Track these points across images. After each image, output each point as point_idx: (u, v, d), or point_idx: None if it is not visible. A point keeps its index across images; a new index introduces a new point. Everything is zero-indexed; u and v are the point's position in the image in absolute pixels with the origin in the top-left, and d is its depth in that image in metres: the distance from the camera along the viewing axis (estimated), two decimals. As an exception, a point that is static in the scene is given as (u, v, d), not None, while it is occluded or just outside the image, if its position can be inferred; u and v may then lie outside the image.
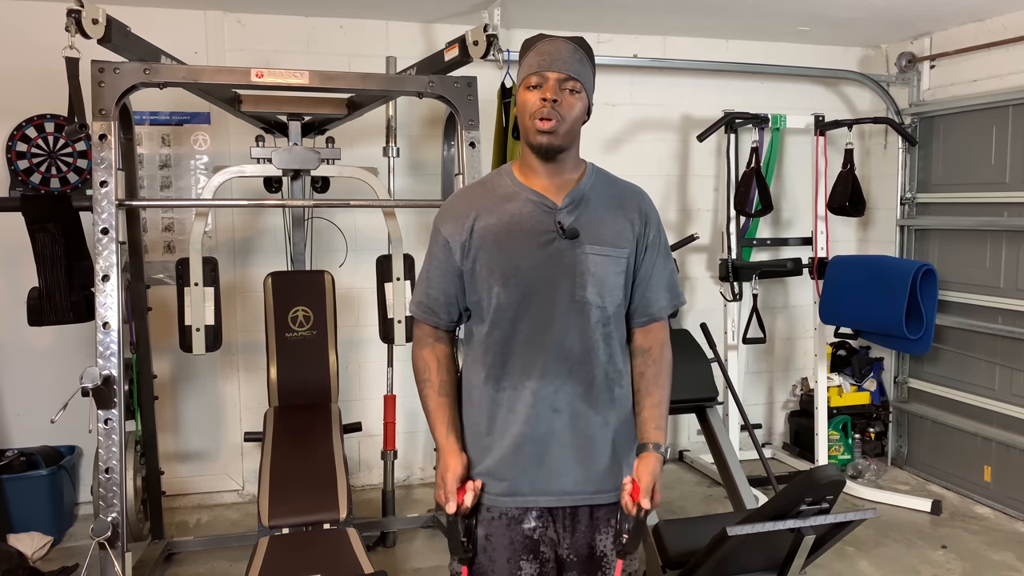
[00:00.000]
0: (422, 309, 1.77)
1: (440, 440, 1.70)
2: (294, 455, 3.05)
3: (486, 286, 1.67)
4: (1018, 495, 3.86)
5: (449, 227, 1.71)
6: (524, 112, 1.64)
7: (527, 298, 1.65)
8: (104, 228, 2.63)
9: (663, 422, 1.72)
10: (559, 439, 1.67)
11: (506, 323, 1.66)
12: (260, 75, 2.79)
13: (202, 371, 4.02)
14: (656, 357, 1.75)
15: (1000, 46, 3.93)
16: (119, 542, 2.55)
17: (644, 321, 1.76)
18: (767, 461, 3.51)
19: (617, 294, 1.70)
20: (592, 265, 1.66)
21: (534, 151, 1.67)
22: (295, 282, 3.52)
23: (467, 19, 3.91)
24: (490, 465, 1.68)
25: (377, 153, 3.88)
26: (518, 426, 1.66)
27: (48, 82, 3.52)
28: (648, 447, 1.69)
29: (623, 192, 1.77)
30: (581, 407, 1.67)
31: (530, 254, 1.65)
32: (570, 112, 1.63)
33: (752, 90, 4.58)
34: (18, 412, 3.81)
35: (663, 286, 1.76)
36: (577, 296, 1.65)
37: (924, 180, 4.44)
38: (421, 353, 1.76)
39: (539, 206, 1.67)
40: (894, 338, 3.77)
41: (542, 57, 1.64)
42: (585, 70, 1.67)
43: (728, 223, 4.32)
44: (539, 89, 1.62)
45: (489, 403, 1.69)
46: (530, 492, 1.68)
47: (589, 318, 1.66)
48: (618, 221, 1.71)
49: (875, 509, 2.19)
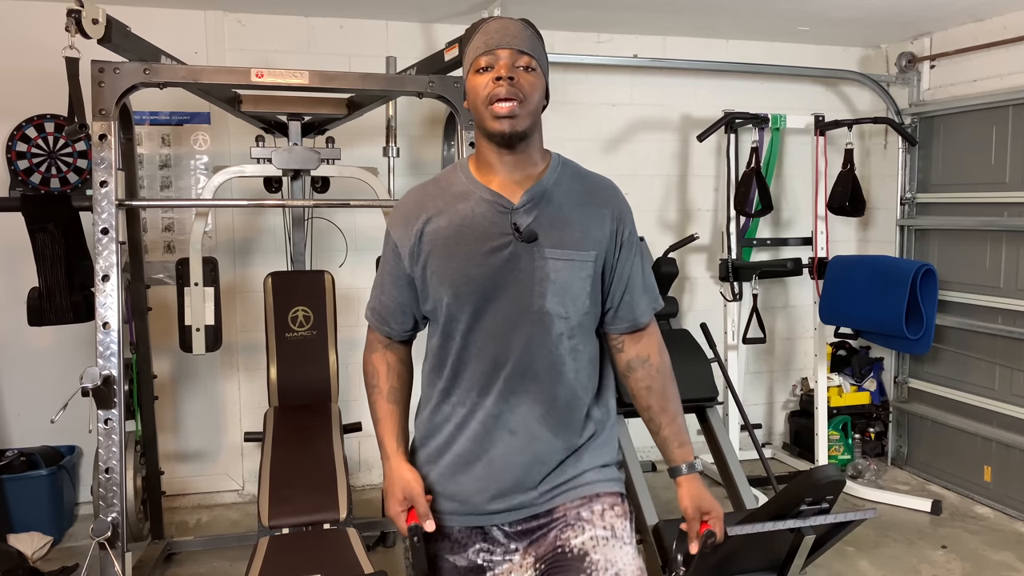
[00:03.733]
0: (375, 316, 1.65)
1: (388, 450, 1.57)
2: (294, 455, 3.05)
3: (437, 295, 1.52)
4: (1018, 495, 3.86)
5: (398, 231, 1.56)
6: (476, 98, 1.46)
7: (480, 309, 1.49)
8: (104, 228, 2.63)
9: (685, 435, 1.60)
10: (510, 461, 1.52)
11: (458, 335, 1.51)
12: (260, 75, 2.79)
13: (202, 371, 4.02)
14: (658, 366, 1.61)
15: (1000, 46, 3.93)
16: (119, 542, 2.55)
17: (628, 327, 1.60)
18: (767, 461, 3.51)
19: (582, 302, 1.52)
20: (553, 271, 1.48)
21: (494, 141, 1.48)
22: (295, 282, 3.52)
23: (467, 19, 3.91)
24: (434, 480, 1.56)
25: (377, 153, 3.88)
26: (466, 443, 1.53)
27: (48, 82, 3.52)
28: (681, 469, 1.58)
29: (592, 188, 1.58)
30: (539, 431, 1.52)
31: (482, 260, 1.48)
32: (530, 91, 1.46)
33: (752, 90, 4.58)
34: (18, 412, 3.81)
35: (643, 289, 1.61)
36: (536, 306, 1.49)
37: (924, 180, 4.44)
38: (371, 358, 1.65)
39: (493, 206, 1.50)
40: (894, 338, 3.77)
41: (489, 36, 1.47)
42: (539, 48, 1.50)
43: (728, 223, 4.32)
44: (491, 70, 1.45)
45: (435, 415, 1.57)
46: (473, 511, 1.55)
47: (551, 330, 1.50)
48: (585, 220, 1.53)
49: (875, 509, 2.19)
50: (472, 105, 1.49)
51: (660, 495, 1.60)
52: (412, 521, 1.52)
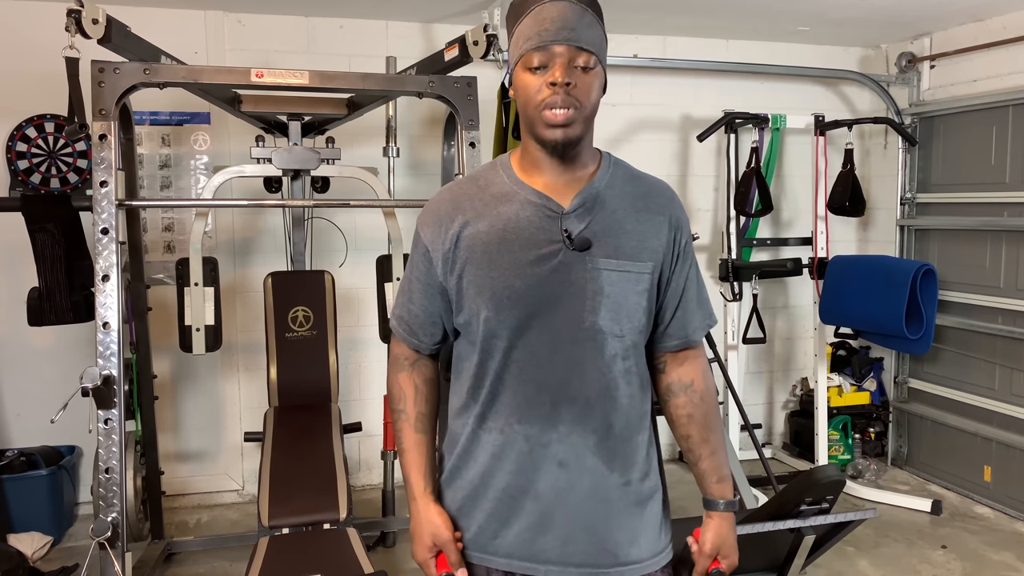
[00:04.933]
0: (402, 326, 1.48)
1: (416, 490, 1.45)
2: (294, 455, 3.05)
3: (474, 308, 1.36)
4: (1018, 495, 3.86)
5: (430, 233, 1.40)
6: (528, 101, 1.31)
7: (524, 324, 1.34)
8: (104, 228, 2.62)
9: (726, 470, 1.47)
10: (566, 500, 1.36)
11: (498, 353, 1.36)
12: (260, 75, 2.79)
13: (202, 371, 4.02)
14: (702, 393, 1.46)
15: (1000, 46, 3.93)
16: (119, 542, 2.55)
17: (677, 346, 1.45)
18: (767, 461, 3.51)
19: (638, 319, 1.38)
20: (607, 284, 1.33)
21: (544, 147, 1.34)
22: (295, 282, 3.52)
23: (467, 19, 3.91)
24: (473, 517, 1.41)
25: (377, 153, 3.88)
26: (507, 476, 1.37)
27: (48, 82, 3.52)
28: (718, 505, 1.47)
29: (648, 190, 1.43)
30: (594, 463, 1.36)
31: (528, 270, 1.33)
32: (587, 97, 1.31)
33: (752, 90, 4.58)
34: (18, 412, 3.81)
35: (698, 303, 1.47)
36: (588, 322, 1.33)
37: (924, 180, 4.44)
38: (397, 378, 1.49)
39: (541, 209, 1.35)
40: (894, 338, 3.77)
41: (543, 26, 1.29)
42: (598, 36, 1.34)
43: (728, 223, 4.32)
44: (545, 71, 1.29)
45: (468, 442, 1.41)
46: (527, 558, 1.38)
47: (604, 350, 1.35)
48: (642, 227, 1.38)
49: (875, 509, 2.19)
50: (521, 105, 1.34)
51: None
52: (443, 570, 1.41)
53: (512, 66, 1.36)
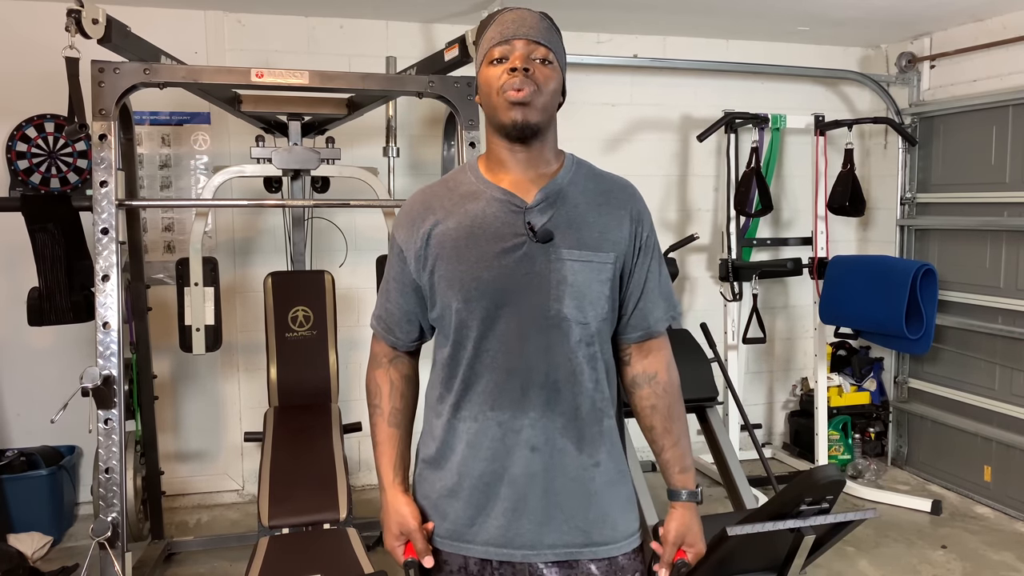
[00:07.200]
0: (380, 324, 1.55)
1: (385, 480, 1.50)
2: (294, 455, 3.05)
3: (446, 301, 1.43)
4: (1018, 495, 3.86)
5: (403, 234, 1.48)
6: (490, 90, 1.40)
7: (492, 314, 1.40)
8: (104, 228, 2.63)
9: (688, 461, 1.52)
10: (538, 482, 1.42)
11: (469, 343, 1.42)
12: (260, 75, 2.79)
13: (202, 371, 4.02)
14: (665, 385, 1.51)
15: (1000, 46, 3.93)
16: (119, 542, 2.55)
17: (640, 337, 1.51)
18: (767, 461, 3.51)
19: (602, 307, 1.44)
20: (570, 273, 1.40)
21: (506, 133, 1.41)
22: (295, 282, 3.52)
23: (467, 19, 3.91)
24: (451, 507, 1.45)
25: (377, 153, 3.88)
26: (482, 463, 1.42)
27: (48, 82, 3.52)
28: (681, 495, 1.50)
29: (609, 187, 1.50)
30: (563, 444, 1.42)
31: (495, 262, 1.39)
32: (545, 83, 1.39)
33: (752, 90, 4.58)
34: (18, 412, 3.81)
35: (660, 294, 1.51)
36: (553, 311, 1.40)
37: (924, 180, 4.44)
38: (374, 374, 1.57)
39: (506, 205, 1.42)
40: (894, 338, 3.77)
41: (504, 27, 1.41)
42: (556, 41, 1.44)
43: (728, 223, 4.32)
44: (505, 61, 1.39)
45: (444, 433, 1.46)
46: (503, 544, 1.43)
47: (569, 337, 1.41)
48: (603, 220, 1.45)
49: (875, 509, 2.19)
50: (484, 98, 1.42)
51: (660, 495, 1.56)
52: (409, 555, 1.46)
53: (477, 69, 1.45)
